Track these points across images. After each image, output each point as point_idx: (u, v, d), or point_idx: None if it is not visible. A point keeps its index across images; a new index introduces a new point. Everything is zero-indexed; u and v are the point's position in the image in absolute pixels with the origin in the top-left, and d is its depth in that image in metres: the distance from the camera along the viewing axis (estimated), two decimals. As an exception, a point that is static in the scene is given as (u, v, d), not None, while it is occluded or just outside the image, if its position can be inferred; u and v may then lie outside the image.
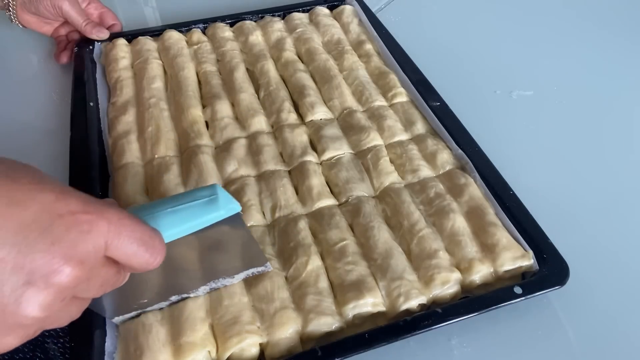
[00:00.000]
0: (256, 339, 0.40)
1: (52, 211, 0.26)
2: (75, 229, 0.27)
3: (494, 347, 0.42)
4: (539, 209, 0.48)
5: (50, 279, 0.26)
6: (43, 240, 0.26)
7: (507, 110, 0.64)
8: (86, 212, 0.27)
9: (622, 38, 0.75)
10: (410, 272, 0.44)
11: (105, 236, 0.28)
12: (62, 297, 0.27)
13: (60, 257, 0.26)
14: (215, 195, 0.35)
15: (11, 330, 0.26)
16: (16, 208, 0.26)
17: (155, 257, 0.30)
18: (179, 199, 0.34)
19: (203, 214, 0.34)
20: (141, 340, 0.39)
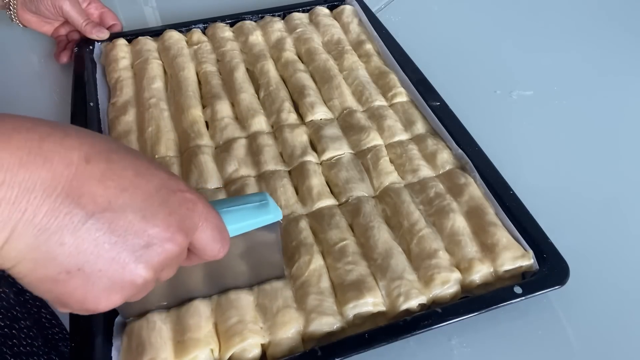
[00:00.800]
0: (258, 340, 0.40)
1: (167, 187, 0.29)
2: (185, 205, 0.30)
3: (494, 347, 0.42)
4: (539, 209, 0.48)
5: (165, 244, 0.28)
6: (162, 210, 0.28)
7: (507, 110, 0.64)
8: (190, 193, 0.30)
9: (622, 38, 0.75)
10: (410, 271, 0.44)
11: (199, 218, 0.30)
12: (166, 264, 0.29)
13: (174, 227, 0.29)
14: (266, 200, 0.37)
15: (122, 288, 0.28)
16: (142, 179, 0.28)
17: (224, 248, 0.33)
18: (232, 201, 0.37)
19: (255, 216, 0.37)
20: (144, 337, 0.40)
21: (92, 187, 0.26)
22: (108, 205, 0.26)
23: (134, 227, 0.27)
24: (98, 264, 0.27)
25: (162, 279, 0.31)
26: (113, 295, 0.28)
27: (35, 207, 0.25)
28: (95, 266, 0.27)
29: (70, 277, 0.26)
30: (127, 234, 0.27)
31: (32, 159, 0.25)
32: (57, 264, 0.26)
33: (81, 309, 0.28)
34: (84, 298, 0.27)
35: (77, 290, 0.27)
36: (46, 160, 0.25)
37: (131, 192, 0.27)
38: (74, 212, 0.25)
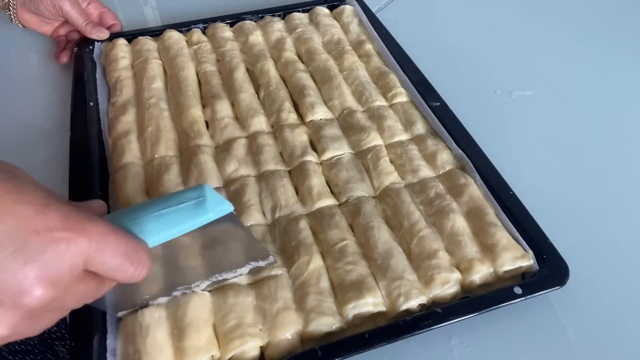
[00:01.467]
0: (257, 342, 0.40)
1: (28, 227, 0.25)
2: (52, 247, 0.25)
3: (494, 347, 0.42)
4: (539, 209, 0.48)
5: (19, 300, 0.25)
6: (16, 259, 0.24)
7: (507, 110, 0.64)
8: (65, 229, 0.26)
9: (622, 38, 0.75)
10: (410, 272, 0.44)
11: (84, 253, 0.27)
12: (30, 316, 0.26)
13: (31, 279, 0.25)
14: (202, 197, 0.32)
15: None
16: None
17: (140, 270, 0.29)
18: (165, 202, 0.33)
19: (190, 218, 0.32)
20: (138, 344, 0.39)
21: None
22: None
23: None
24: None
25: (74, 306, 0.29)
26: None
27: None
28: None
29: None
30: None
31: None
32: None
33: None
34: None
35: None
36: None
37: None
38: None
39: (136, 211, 0.33)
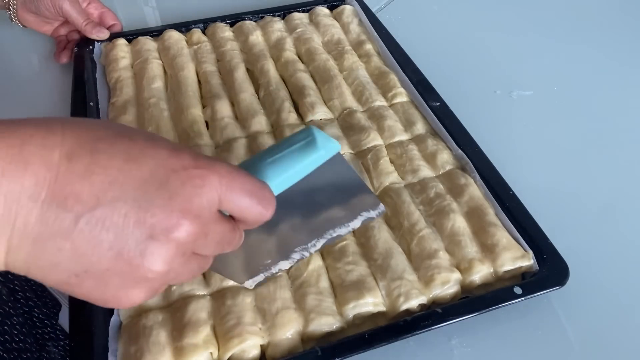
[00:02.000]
0: (257, 340, 0.40)
1: (166, 166, 0.27)
2: (190, 183, 0.27)
3: (494, 347, 0.42)
4: (539, 209, 0.48)
5: (170, 233, 0.26)
6: (161, 195, 0.26)
7: (507, 110, 0.64)
8: (198, 167, 0.28)
9: (622, 38, 0.75)
10: (411, 272, 0.44)
11: (217, 190, 0.28)
12: (182, 252, 0.27)
13: (178, 211, 0.26)
14: (311, 136, 0.33)
15: (137, 283, 0.27)
16: (134, 164, 0.26)
17: (267, 208, 0.30)
18: (276, 149, 0.33)
19: (303, 158, 0.33)
20: (141, 342, 0.39)
21: (75, 186, 0.25)
22: (97, 203, 0.25)
23: (130, 220, 0.25)
24: (103, 264, 0.26)
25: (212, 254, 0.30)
26: (131, 292, 0.27)
27: (24, 216, 0.24)
28: (101, 266, 0.26)
29: (81, 280, 0.26)
30: (125, 229, 0.25)
31: (14, 167, 0.24)
32: (62, 269, 0.25)
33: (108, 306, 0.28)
34: (102, 298, 0.27)
35: (93, 291, 0.26)
36: (27, 165, 0.24)
37: (121, 182, 0.25)
38: (62, 217, 0.24)
39: (251, 162, 0.33)
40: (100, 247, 0.25)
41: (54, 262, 0.25)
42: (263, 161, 0.33)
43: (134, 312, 0.42)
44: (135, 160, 0.26)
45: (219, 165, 0.29)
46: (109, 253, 0.25)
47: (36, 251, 0.25)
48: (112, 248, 0.25)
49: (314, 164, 0.33)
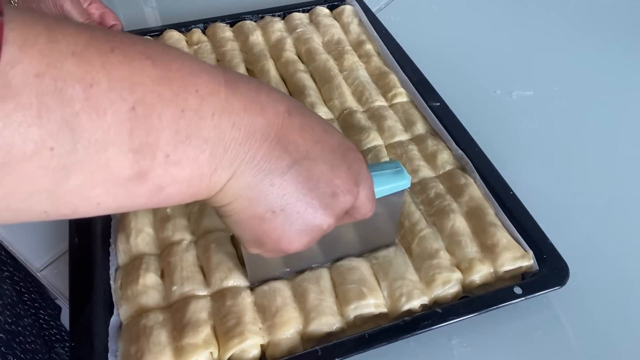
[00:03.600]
0: (257, 340, 0.40)
1: (344, 144, 0.32)
2: (357, 162, 0.33)
3: (494, 347, 0.42)
4: (539, 210, 0.48)
5: (346, 196, 0.31)
6: (344, 163, 0.31)
7: (507, 110, 0.64)
8: (356, 151, 0.33)
9: (622, 38, 0.75)
10: (412, 272, 0.44)
11: (364, 175, 0.33)
12: (340, 214, 0.32)
13: (352, 180, 0.32)
14: (400, 168, 0.39)
15: (312, 231, 0.31)
16: (328, 134, 0.31)
17: (373, 208, 0.35)
18: (371, 167, 0.38)
19: (392, 181, 0.39)
20: (142, 342, 0.39)
21: (294, 136, 0.29)
22: (306, 154, 0.29)
23: (324, 176, 0.30)
24: (297, 206, 0.30)
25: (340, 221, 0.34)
26: (304, 237, 0.31)
27: (255, 149, 0.28)
28: (295, 208, 0.30)
29: (275, 216, 0.29)
30: (320, 182, 0.30)
31: (253, 107, 0.28)
32: (266, 203, 0.29)
33: (275, 248, 0.32)
34: (280, 237, 0.31)
35: (277, 229, 0.30)
36: (263, 108, 0.28)
37: (322, 144, 0.30)
38: (282, 157, 0.28)
39: None
40: (301, 191, 0.30)
41: (264, 195, 0.29)
42: None
43: (134, 312, 0.42)
44: (328, 132, 0.32)
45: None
46: (305, 198, 0.30)
47: (255, 181, 0.28)
48: (307, 195, 0.30)
49: (393, 190, 0.39)
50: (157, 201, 0.27)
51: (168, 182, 0.26)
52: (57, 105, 0.21)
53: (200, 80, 0.26)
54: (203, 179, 0.27)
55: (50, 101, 0.20)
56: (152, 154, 0.24)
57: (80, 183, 0.23)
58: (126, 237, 0.47)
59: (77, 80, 0.21)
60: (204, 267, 0.45)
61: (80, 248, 0.46)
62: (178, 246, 0.46)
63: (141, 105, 0.23)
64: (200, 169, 0.26)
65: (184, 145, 0.25)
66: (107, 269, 0.45)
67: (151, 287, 0.43)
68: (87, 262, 0.45)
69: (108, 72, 0.22)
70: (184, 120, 0.25)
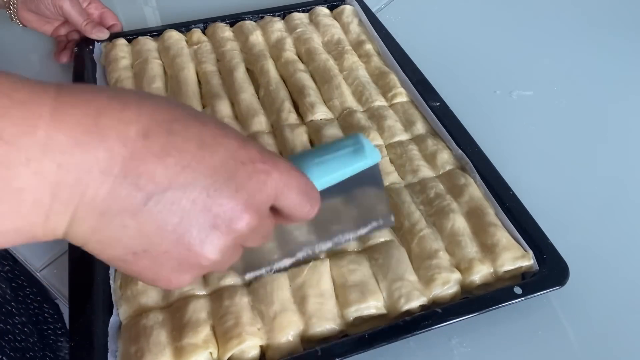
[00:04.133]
0: (256, 341, 0.40)
1: (236, 158, 0.27)
2: (255, 178, 0.27)
3: (493, 347, 0.42)
4: (539, 210, 0.48)
5: (232, 225, 0.27)
6: (228, 186, 0.26)
7: (507, 110, 0.64)
8: (263, 162, 0.28)
9: (622, 38, 0.75)
10: (411, 272, 0.44)
11: (276, 187, 0.28)
12: (236, 243, 0.28)
13: (242, 205, 0.27)
14: (360, 144, 0.35)
15: (191, 268, 0.28)
16: (207, 151, 0.26)
17: (314, 207, 0.31)
18: (324, 150, 0.35)
19: (350, 164, 0.34)
20: (142, 342, 0.39)
21: (150, 165, 0.24)
22: (168, 185, 0.25)
23: (197, 206, 0.26)
24: (163, 246, 0.26)
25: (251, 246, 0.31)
26: (182, 275, 0.28)
27: (94, 189, 0.24)
28: (160, 247, 0.26)
29: (138, 259, 0.26)
30: (191, 214, 0.26)
31: (88, 139, 0.23)
32: (122, 246, 0.25)
33: (155, 285, 0.28)
34: (154, 278, 0.28)
35: (146, 270, 0.27)
36: (102, 138, 0.23)
37: (193, 167, 0.25)
38: (132, 194, 0.24)
39: (298, 159, 0.34)
40: (164, 229, 0.25)
41: (116, 238, 0.25)
42: (310, 161, 0.34)
43: (133, 312, 0.42)
44: (208, 148, 0.26)
45: (280, 162, 0.29)
46: (171, 236, 0.26)
47: (100, 225, 0.25)
48: (175, 231, 0.26)
49: (356, 170, 0.35)
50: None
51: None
52: None
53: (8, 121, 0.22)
54: (34, 227, 0.24)
55: None
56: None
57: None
58: (126, 237, 0.47)
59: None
60: (204, 267, 0.45)
61: (80, 248, 0.46)
62: (178, 246, 0.46)
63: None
64: (25, 219, 0.23)
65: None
66: (106, 269, 0.45)
67: (150, 287, 0.43)
68: (86, 262, 0.45)
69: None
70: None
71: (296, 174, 0.30)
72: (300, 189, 0.30)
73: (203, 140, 0.26)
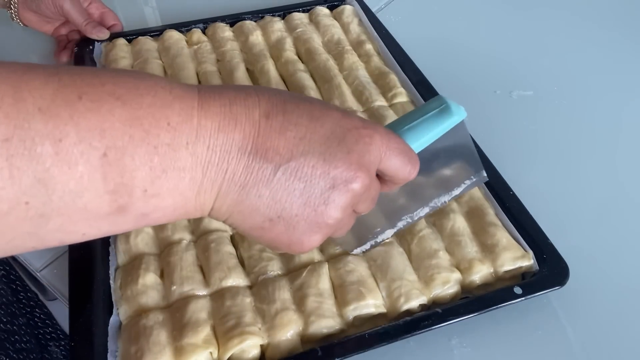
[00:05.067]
0: (257, 340, 0.40)
1: (342, 126, 0.30)
2: (361, 141, 0.31)
3: (493, 347, 0.42)
4: (539, 210, 0.48)
5: (348, 184, 0.30)
6: (341, 150, 0.30)
7: (507, 110, 0.64)
8: (365, 127, 0.31)
9: (622, 38, 0.75)
10: (411, 272, 0.44)
11: (380, 149, 0.31)
12: (353, 203, 0.31)
13: (355, 165, 0.30)
14: (445, 104, 0.36)
15: (319, 229, 0.31)
16: (317, 122, 0.30)
17: (414, 168, 0.34)
18: (412, 116, 0.36)
19: (437, 125, 0.36)
20: (142, 342, 0.39)
21: (274, 140, 0.28)
22: (291, 156, 0.29)
23: (317, 171, 0.29)
24: (293, 210, 0.29)
25: (361, 212, 0.34)
26: (313, 236, 0.31)
27: (234, 166, 0.28)
28: (292, 212, 0.29)
29: (274, 225, 0.30)
30: (313, 179, 0.29)
31: (227, 124, 0.27)
32: (260, 214, 0.29)
33: (290, 250, 0.32)
34: (289, 242, 0.31)
35: (281, 235, 0.30)
36: (237, 122, 0.28)
37: (309, 138, 0.29)
38: (264, 167, 0.28)
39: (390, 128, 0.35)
40: (293, 194, 0.29)
41: (254, 208, 0.29)
42: (400, 128, 0.35)
43: (133, 312, 0.42)
44: (318, 120, 0.30)
45: (379, 127, 0.32)
46: (299, 200, 0.29)
47: (241, 197, 0.28)
48: (302, 196, 0.29)
49: (445, 129, 0.36)
50: (145, 224, 0.27)
51: (151, 210, 0.26)
52: (27, 165, 0.21)
53: (172, 111, 0.26)
54: (188, 202, 0.27)
55: (20, 162, 0.21)
56: (129, 192, 0.25)
57: (61, 224, 0.24)
58: (126, 237, 0.47)
59: (45, 137, 0.22)
60: (204, 267, 0.45)
61: (80, 248, 0.46)
62: (178, 246, 0.46)
63: (112, 150, 0.24)
64: (182, 194, 0.27)
65: (160, 180, 0.25)
66: (106, 268, 0.45)
67: (151, 287, 0.43)
68: (86, 262, 0.45)
69: (76, 124, 0.23)
70: (158, 157, 0.25)
71: (395, 137, 0.33)
72: (400, 150, 0.33)
73: (312, 114, 0.30)
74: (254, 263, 0.45)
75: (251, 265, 0.45)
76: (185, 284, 0.43)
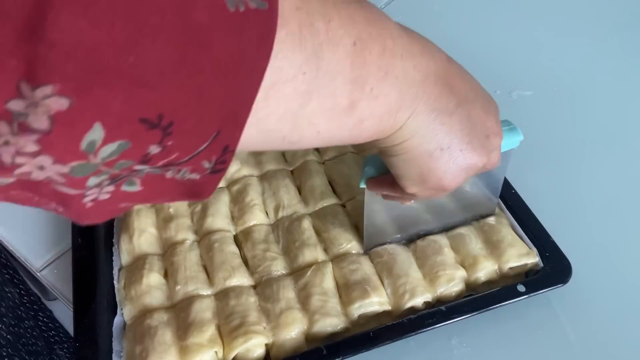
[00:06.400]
0: (262, 340, 0.40)
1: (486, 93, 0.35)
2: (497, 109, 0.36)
3: (494, 346, 0.42)
4: (541, 209, 0.48)
5: (496, 138, 0.34)
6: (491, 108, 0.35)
7: (507, 110, 0.63)
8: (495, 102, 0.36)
9: (622, 38, 0.76)
10: (415, 269, 0.44)
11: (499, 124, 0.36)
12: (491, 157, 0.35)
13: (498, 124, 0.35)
14: (512, 125, 0.41)
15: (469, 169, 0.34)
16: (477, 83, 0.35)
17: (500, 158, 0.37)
18: None
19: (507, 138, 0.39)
20: (147, 343, 0.39)
21: (456, 81, 0.32)
22: (466, 98, 0.32)
23: (480, 118, 0.33)
24: (460, 145, 0.32)
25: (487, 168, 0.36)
26: (462, 175, 0.34)
27: (430, 90, 0.30)
28: (459, 146, 0.32)
29: (442, 153, 0.32)
30: (477, 124, 0.32)
31: (426, 52, 0.30)
32: (436, 140, 0.31)
33: (435, 186, 0.34)
34: (444, 174, 0.33)
35: (442, 167, 0.33)
36: (432, 54, 0.30)
37: (475, 90, 0.33)
38: (450, 99, 0.31)
39: None
40: (463, 131, 0.32)
41: (435, 133, 0.31)
42: None
43: (138, 312, 0.42)
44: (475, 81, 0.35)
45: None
46: (466, 138, 0.32)
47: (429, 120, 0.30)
48: (469, 135, 0.32)
49: (506, 147, 0.40)
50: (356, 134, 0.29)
51: (367, 116, 0.28)
52: (309, 35, 0.23)
53: (391, 25, 0.29)
54: (391, 115, 0.29)
55: (306, 31, 0.23)
56: (362, 86, 0.27)
57: (314, 109, 0.25)
58: (129, 237, 0.47)
59: (320, 15, 0.24)
60: (207, 267, 0.45)
61: (84, 249, 0.46)
62: (181, 246, 0.46)
63: (359, 41, 0.26)
64: (390, 105, 0.28)
65: (383, 82, 0.27)
66: (110, 269, 0.45)
67: (155, 287, 0.43)
68: (90, 263, 0.45)
69: (338, 11, 0.25)
70: (384, 59, 0.27)
71: None
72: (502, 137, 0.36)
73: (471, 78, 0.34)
74: (257, 262, 0.45)
75: (255, 264, 0.45)
76: (190, 284, 0.43)
